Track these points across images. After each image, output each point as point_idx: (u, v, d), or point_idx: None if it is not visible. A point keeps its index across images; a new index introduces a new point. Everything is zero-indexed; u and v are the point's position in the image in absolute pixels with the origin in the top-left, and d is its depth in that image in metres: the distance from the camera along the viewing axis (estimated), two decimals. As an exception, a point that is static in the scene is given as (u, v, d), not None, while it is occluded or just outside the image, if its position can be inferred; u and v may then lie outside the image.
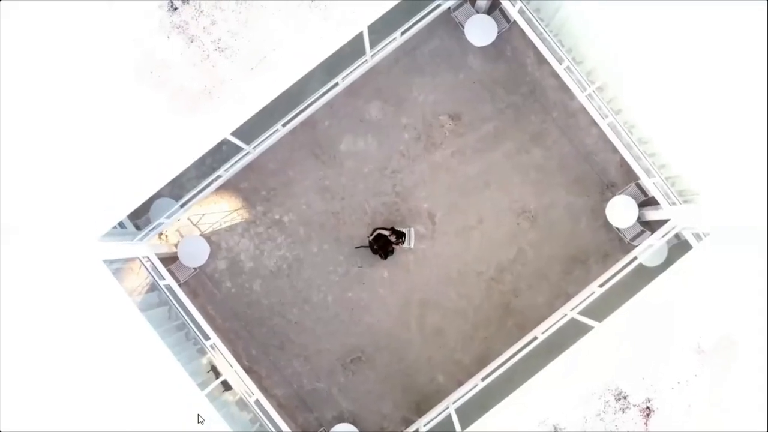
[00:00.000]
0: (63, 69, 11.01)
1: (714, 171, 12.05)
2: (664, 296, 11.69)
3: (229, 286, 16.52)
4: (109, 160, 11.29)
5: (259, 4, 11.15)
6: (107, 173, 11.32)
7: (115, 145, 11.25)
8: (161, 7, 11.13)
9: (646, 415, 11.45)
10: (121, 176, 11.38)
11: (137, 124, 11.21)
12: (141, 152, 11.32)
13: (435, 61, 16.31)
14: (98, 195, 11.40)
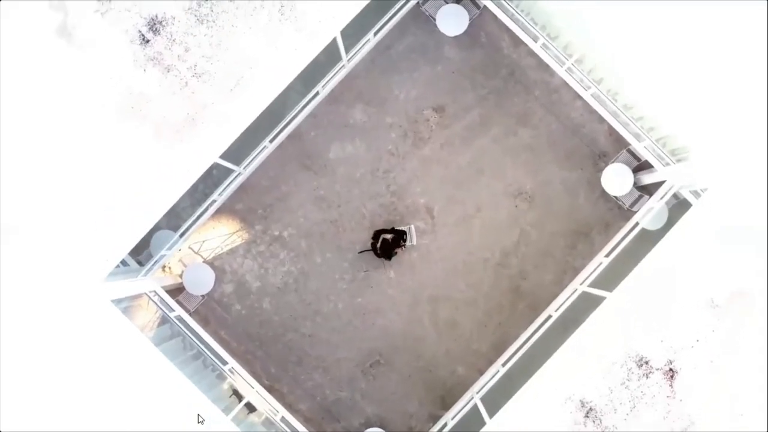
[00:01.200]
0: (43, 116, 11.03)
1: (703, 126, 12.06)
2: (671, 257, 11.69)
3: (238, 308, 16.51)
4: (103, 200, 11.31)
5: (230, 25, 11.17)
6: (103, 214, 11.34)
7: (107, 184, 11.27)
8: (133, 41, 11.15)
9: (670, 377, 11.46)
10: (117, 214, 11.39)
11: (126, 160, 11.23)
12: (133, 188, 11.34)
13: (411, 57, 16.31)
14: (97, 236, 11.42)
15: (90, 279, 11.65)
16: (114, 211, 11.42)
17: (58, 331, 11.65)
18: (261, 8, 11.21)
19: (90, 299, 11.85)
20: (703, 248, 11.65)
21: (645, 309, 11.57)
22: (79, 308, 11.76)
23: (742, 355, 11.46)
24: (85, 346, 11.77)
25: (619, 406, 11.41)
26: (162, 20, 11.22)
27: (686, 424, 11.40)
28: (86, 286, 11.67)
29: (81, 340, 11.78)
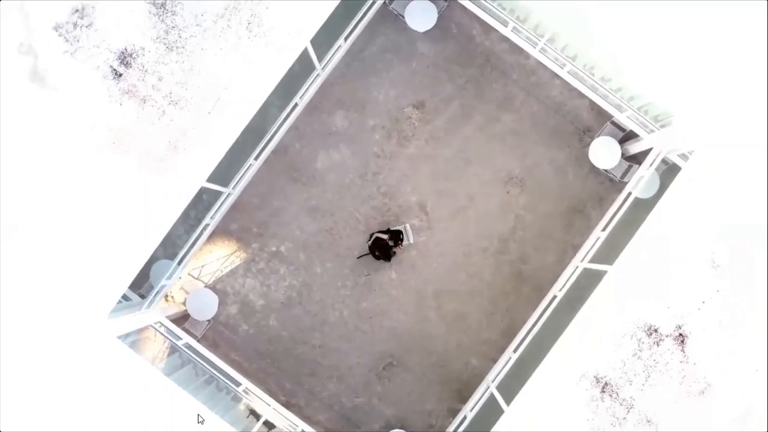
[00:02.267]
0: (25, 162, 11.05)
1: (683, 89, 12.06)
2: (666, 223, 11.69)
3: (245, 328, 16.51)
4: (96, 238, 11.32)
5: (200, 49, 11.19)
6: (98, 252, 11.36)
7: (98, 222, 11.30)
8: (105, 77, 11.18)
9: (680, 342, 11.47)
10: (112, 250, 11.41)
11: (114, 196, 11.26)
12: (125, 222, 11.35)
13: (385, 57, 16.32)
14: (95, 274, 11.44)
15: (93, 318, 11.67)
16: (109, 247, 11.45)
17: (69, 373, 11.68)
18: (228, 28, 11.23)
19: (96, 338, 11.88)
20: (696, 210, 11.66)
21: (647, 278, 11.59)
22: (87, 348, 11.80)
23: (749, 312, 11.48)
24: (97, 384, 11.80)
25: (634, 378, 11.43)
26: (132, 53, 11.24)
27: (703, 386, 11.42)
28: (90, 325, 11.69)
29: (93, 379, 11.82)
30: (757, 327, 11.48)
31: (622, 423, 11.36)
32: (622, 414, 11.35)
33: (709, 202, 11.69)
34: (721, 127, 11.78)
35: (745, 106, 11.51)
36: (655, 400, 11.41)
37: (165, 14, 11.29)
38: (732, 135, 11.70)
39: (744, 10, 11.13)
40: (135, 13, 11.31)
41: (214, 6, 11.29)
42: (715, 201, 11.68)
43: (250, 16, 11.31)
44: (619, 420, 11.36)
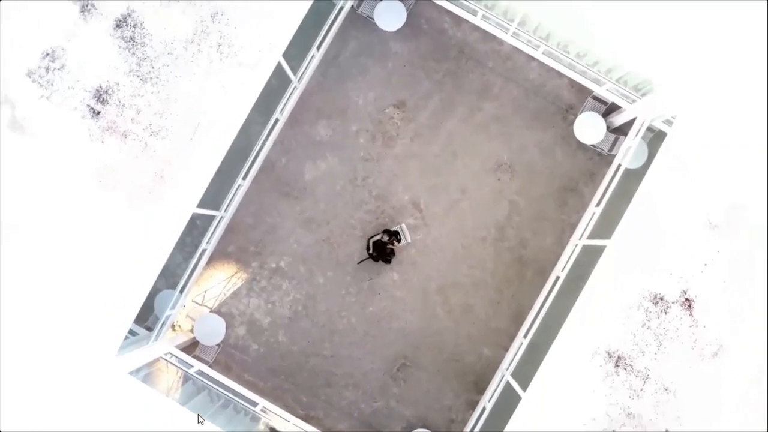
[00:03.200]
0: (16, 211, 11.07)
1: (661, 54, 12.08)
2: (658, 190, 11.69)
3: (256, 347, 16.50)
4: (95, 277, 11.34)
5: (174, 77, 11.20)
6: (99, 291, 11.38)
7: (95, 260, 11.32)
8: (84, 117, 11.21)
9: (687, 306, 11.47)
10: (112, 288, 11.42)
11: (107, 233, 11.29)
12: (121, 258, 11.37)
13: (360, 61, 16.32)
14: (98, 314, 11.46)
15: (103, 357, 11.66)
16: (108, 285, 11.46)
17: (86, 415, 11.67)
18: (199, 52, 11.25)
19: (108, 377, 11.88)
20: (686, 173, 11.66)
21: (646, 247, 11.58)
22: (100, 389, 11.79)
23: (753, 268, 11.48)
24: (115, 422, 11.78)
25: (646, 348, 11.43)
26: (107, 89, 11.26)
27: (715, 348, 11.42)
28: (101, 365, 11.69)
29: (110, 418, 11.80)
30: (761, 282, 11.48)
31: (640, 394, 11.37)
32: (638, 385, 11.35)
33: (698, 164, 11.69)
34: (702, 89, 11.79)
35: (723, 66, 11.52)
36: (669, 367, 11.41)
37: (135, 47, 11.30)
38: (713, 96, 11.71)
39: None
40: (105, 49, 11.32)
41: (183, 32, 11.30)
42: (704, 162, 11.68)
43: (220, 38, 11.32)
44: (637, 392, 11.37)
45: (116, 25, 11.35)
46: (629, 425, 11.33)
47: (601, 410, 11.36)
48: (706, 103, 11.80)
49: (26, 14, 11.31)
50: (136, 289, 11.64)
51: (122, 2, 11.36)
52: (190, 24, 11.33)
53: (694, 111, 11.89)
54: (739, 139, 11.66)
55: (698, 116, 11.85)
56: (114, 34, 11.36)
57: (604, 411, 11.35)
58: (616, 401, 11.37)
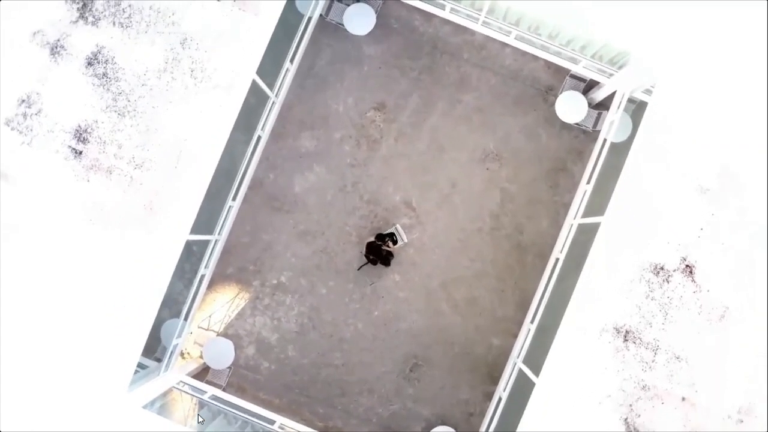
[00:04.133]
0: (11, 259, 11.10)
1: (633, 24, 12.09)
2: (646, 160, 11.68)
3: (267, 365, 16.50)
4: (98, 315, 11.36)
5: (151, 107, 11.22)
6: (103, 328, 11.39)
7: (95, 298, 11.33)
8: (67, 158, 11.21)
9: (689, 273, 11.48)
10: (116, 324, 11.43)
11: (104, 270, 11.30)
12: (121, 293, 11.37)
13: (335, 68, 16.32)
14: (105, 351, 11.46)
15: (114, 394, 11.66)
16: (112, 321, 11.47)
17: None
18: (173, 80, 11.25)
19: (122, 413, 11.87)
20: (672, 141, 11.67)
21: (641, 219, 11.58)
22: (115, 426, 11.78)
23: (748, 228, 11.49)
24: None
25: (652, 320, 11.43)
26: (86, 128, 11.27)
27: (722, 311, 11.43)
28: (113, 402, 11.68)
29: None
30: (759, 240, 11.49)
31: (653, 366, 11.37)
32: (650, 357, 11.36)
33: (682, 130, 11.70)
34: (678, 55, 11.80)
35: (698, 30, 11.54)
36: (678, 335, 11.41)
37: (108, 83, 11.31)
38: (690, 61, 11.72)
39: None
40: (80, 89, 11.33)
41: (155, 62, 11.31)
42: (688, 128, 11.69)
43: (192, 63, 11.33)
44: (649, 363, 11.37)
45: (87, 63, 11.36)
46: (645, 397, 11.34)
47: (616, 386, 11.37)
48: (684, 69, 11.82)
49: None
50: (140, 322, 11.65)
51: (91, 40, 11.37)
52: (161, 53, 11.34)
53: (672, 78, 11.89)
54: (721, 101, 11.67)
55: (677, 83, 11.86)
56: (87, 72, 11.37)
57: (619, 387, 11.36)
58: (629, 376, 11.38)
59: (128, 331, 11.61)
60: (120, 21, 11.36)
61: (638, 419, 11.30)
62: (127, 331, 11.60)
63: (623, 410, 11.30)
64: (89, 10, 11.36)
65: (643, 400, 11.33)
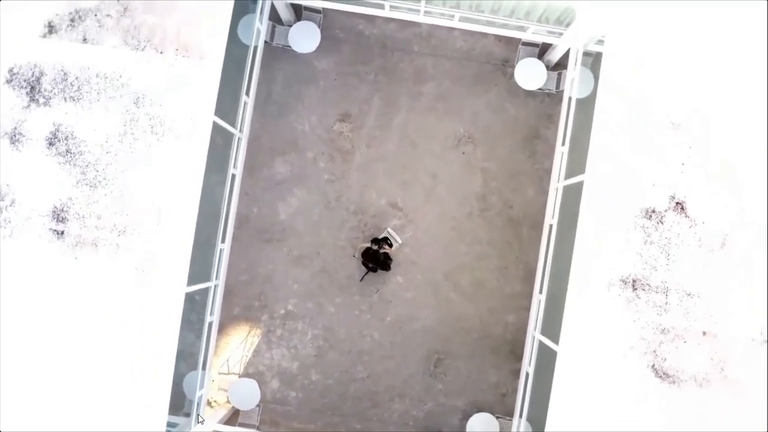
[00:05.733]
0: (15, 357, 11.14)
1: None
2: (612, 107, 11.69)
3: (294, 394, 16.51)
4: (116, 386, 11.37)
5: (119, 172, 11.26)
6: (123, 398, 11.39)
7: (110, 371, 11.34)
8: (50, 241, 11.24)
9: (681, 209, 11.50)
10: (136, 391, 11.43)
11: (112, 342, 11.30)
12: (133, 360, 11.39)
13: (292, 90, 16.36)
14: (131, 420, 11.45)
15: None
16: (130, 388, 11.47)
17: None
18: (135, 141, 11.28)
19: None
20: (634, 84, 11.68)
21: (621, 167, 11.58)
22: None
23: (727, 151, 11.51)
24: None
25: (656, 263, 11.45)
26: (62, 207, 11.29)
27: (721, 239, 11.44)
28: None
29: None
30: (739, 160, 11.51)
31: (666, 308, 11.39)
32: (662, 301, 11.38)
33: (641, 72, 11.72)
34: (625, 4, 11.85)
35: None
36: (685, 273, 11.43)
37: (74, 158, 11.33)
38: (636, 3, 11.76)
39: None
40: (47, 170, 11.36)
41: (114, 128, 11.33)
42: (646, 68, 11.72)
43: (149, 119, 11.35)
44: (663, 307, 11.39)
45: (49, 143, 11.38)
46: (666, 340, 11.36)
47: (635, 336, 11.39)
48: (631, 11, 11.84)
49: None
50: (160, 381, 11.64)
51: (47, 120, 11.38)
52: (118, 117, 11.35)
53: (621, 24, 11.92)
54: (673, 35, 11.71)
55: (626, 28, 11.88)
56: (50, 152, 11.39)
57: (638, 336, 11.38)
58: (646, 323, 11.40)
59: (150, 394, 11.60)
60: (70, 95, 11.38)
61: (665, 363, 11.33)
62: (149, 394, 11.59)
63: (648, 358, 11.33)
64: (38, 92, 11.39)
65: (666, 344, 11.36)
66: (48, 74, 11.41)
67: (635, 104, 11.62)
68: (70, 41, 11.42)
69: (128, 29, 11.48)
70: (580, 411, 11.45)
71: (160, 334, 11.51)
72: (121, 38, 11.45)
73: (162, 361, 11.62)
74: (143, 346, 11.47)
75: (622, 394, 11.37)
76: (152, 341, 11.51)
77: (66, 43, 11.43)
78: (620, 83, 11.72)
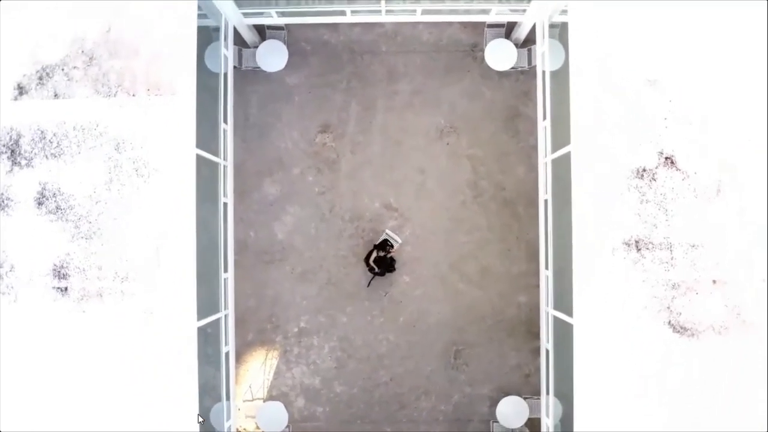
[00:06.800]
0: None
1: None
2: (587, 74, 11.69)
3: (321, 409, 16.53)
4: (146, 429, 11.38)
5: (112, 219, 11.30)
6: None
7: (133, 417, 11.34)
8: (55, 299, 11.25)
9: (671, 164, 11.49)
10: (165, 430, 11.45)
11: (131, 388, 11.28)
12: (155, 401, 11.39)
13: (269, 110, 16.39)
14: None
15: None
16: (159, 429, 11.47)
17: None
18: (123, 186, 11.28)
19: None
20: (604, 46, 11.69)
21: (605, 131, 11.57)
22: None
23: (707, 97, 11.51)
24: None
25: (655, 221, 11.44)
26: (62, 264, 11.30)
27: (716, 186, 11.42)
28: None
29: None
30: (717, 104, 11.50)
31: (673, 263, 11.38)
32: (667, 257, 11.38)
33: (610, 33, 11.73)
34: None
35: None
36: (685, 225, 11.41)
37: (64, 213, 11.33)
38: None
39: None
40: (40, 230, 11.36)
41: (99, 177, 11.32)
42: (614, 28, 11.72)
43: (133, 162, 11.34)
44: (669, 262, 11.38)
45: (38, 203, 11.38)
46: (678, 295, 11.36)
47: (647, 295, 11.38)
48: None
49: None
50: (185, 420, 11.63)
51: (32, 181, 11.38)
52: (102, 166, 11.34)
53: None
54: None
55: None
56: (40, 212, 11.39)
57: (650, 295, 11.37)
58: (655, 281, 11.39)
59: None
60: (51, 152, 11.37)
61: (681, 317, 11.33)
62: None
63: (663, 315, 11.33)
64: (19, 155, 11.38)
65: (678, 298, 11.36)
66: (26, 135, 11.40)
67: (609, 68, 11.62)
68: (42, 99, 11.42)
69: (97, 78, 11.47)
70: (606, 379, 11.45)
71: (179, 373, 11.49)
72: (92, 88, 11.44)
73: (185, 397, 11.60)
74: (164, 387, 11.45)
75: (643, 355, 11.37)
76: (172, 380, 11.49)
77: (38, 101, 11.43)
78: (590, 49, 11.73)
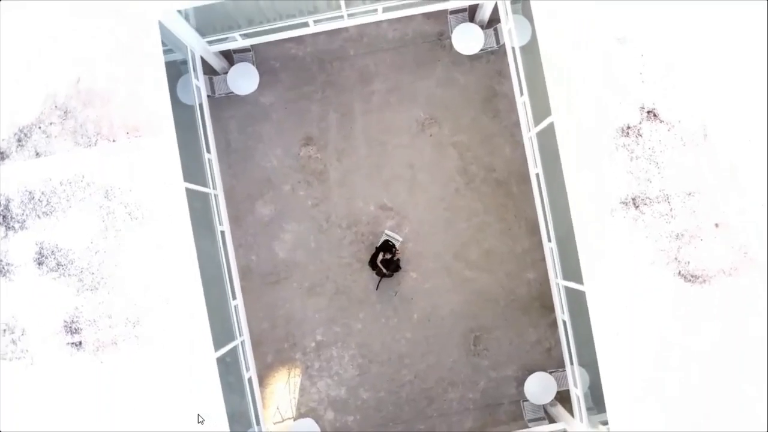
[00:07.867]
0: None
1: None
2: (556, 42, 11.71)
3: (351, 418, 16.55)
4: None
5: (114, 266, 11.28)
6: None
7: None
8: (72, 354, 11.30)
9: (654, 116, 11.50)
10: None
11: (163, 426, 11.30)
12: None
13: (249, 132, 16.42)
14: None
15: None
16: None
17: None
18: (119, 232, 11.27)
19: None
20: (569, 12, 11.70)
21: (583, 95, 11.58)
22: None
23: (680, 45, 11.52)
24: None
25: (648, 175, 11.44)
26: (72, 319, 11.29)
27: (702, 131, 11.41)
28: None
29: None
30: (689, 49, 11.53)
31: (673, 214, 11.39)
32: (666, 209, 11.38)
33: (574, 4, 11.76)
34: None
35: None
36: (678, 175, 11.41)
37: (65, 269, 11.32)
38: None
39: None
40: (44, 289, 11.34)
41: (94, 227, 11.32)
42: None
43: (125, 207, 11.33)
44: (668, 215, 11.39)
45: (38, 263, 11.37)
46: (683, 244, 11.38)
47: (652, 250, 11.38)
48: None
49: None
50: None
51: (28, 243, 11.38)
52: (94, 216, 11.34)
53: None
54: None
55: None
56: (41, 272, 11.38)
57: (656, 249, 11.38)
58: (658, 234, 11.41)
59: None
60: (42, 211, 11.37)
61: (689, 266, 11.34)
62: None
63: (671, 267, 11.34)
64: (11, 219, 11.38)
65: (684, 248, 11.37)
66: (14, 199, 11.40)
67: (576, 33, 11.64)
68: (25, 160, 11.42)
69: (75, 130, 11.47)
70: (626, 341, 11.46)
71: (206, 405, 11.50)
72: (72, 140, 11.44)
73: (216, 430, 11.62)
74: (191, 422, 11.46)
75: (660, 310, 11.37)
76: (198, 413, 11.50)
77: (21, 163, 11.42)
78: (555, 18, 11.75)
